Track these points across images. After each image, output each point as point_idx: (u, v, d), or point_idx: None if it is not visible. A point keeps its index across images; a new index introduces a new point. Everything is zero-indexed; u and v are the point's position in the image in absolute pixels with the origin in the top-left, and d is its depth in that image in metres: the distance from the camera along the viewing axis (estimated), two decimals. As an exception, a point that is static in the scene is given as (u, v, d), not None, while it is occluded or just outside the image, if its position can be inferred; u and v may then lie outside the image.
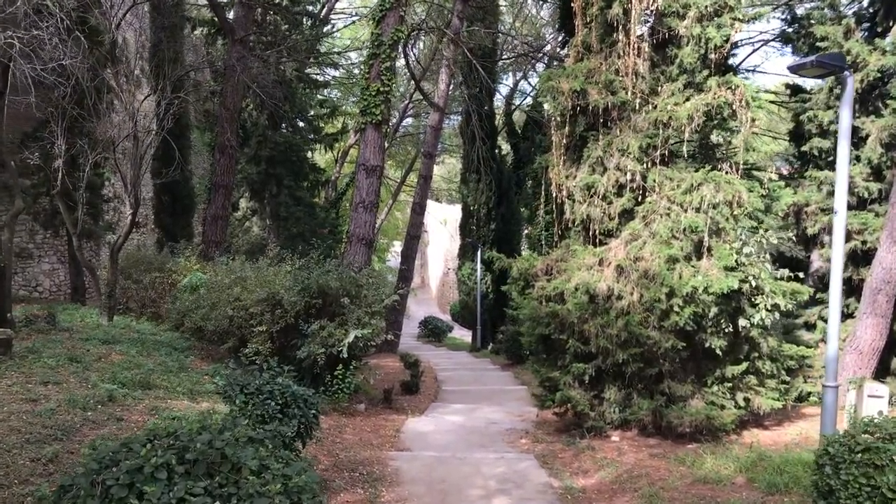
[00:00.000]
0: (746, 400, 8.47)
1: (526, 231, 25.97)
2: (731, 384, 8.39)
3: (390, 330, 19.33)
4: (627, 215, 8.36)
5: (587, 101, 8.17)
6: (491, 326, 24.14)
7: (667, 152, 8.24)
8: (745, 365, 8.30)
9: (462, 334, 31.94)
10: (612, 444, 8.17)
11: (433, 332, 29.32)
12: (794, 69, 6.02)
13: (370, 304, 9.65)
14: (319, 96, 26.80)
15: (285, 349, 9.71)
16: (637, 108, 8.22)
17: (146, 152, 12.39)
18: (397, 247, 37.59)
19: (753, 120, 7.78)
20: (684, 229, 7.86)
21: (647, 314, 7.84)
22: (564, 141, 8.37)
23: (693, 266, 7.95)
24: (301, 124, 19.53)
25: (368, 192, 11.41)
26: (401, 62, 21.07)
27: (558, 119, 8.29)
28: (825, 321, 11.24)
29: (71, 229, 12.06)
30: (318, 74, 26.04)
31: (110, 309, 11.99)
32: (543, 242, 9.00)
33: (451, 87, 18.39)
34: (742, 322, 7.93)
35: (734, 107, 7.81)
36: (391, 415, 10.05)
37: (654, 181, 8.15)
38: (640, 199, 8.27)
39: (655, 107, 8.17)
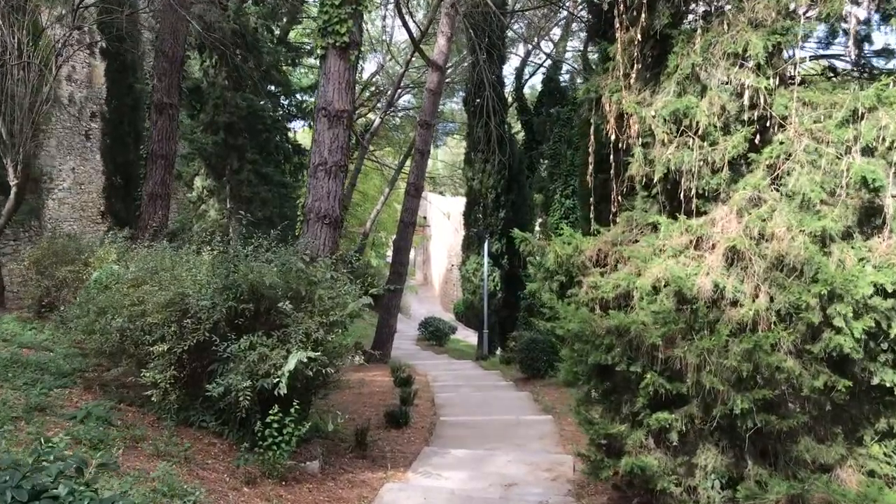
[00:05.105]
0: (924, 466, 5.23)
1: (540, 220, 22.72)
2: (901, 442, 5.15)
3: (380, 342, 16.11)
4: (738, 165, 5.09)
5: (674, -25, 4.92)
6: (500, 330, 20.93)
7: (806, 60, 4.97)
8: (928, 411, 5.05)
9: (466, 335, 28.79)
10: (714, 544, 4.94)
11: (434, 334, 26.13)
12: None
13: (327, 311, 6.41)
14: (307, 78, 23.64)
15: (200, 378, 6.49)
16: (756, -14, 4.94)
17: (46, 100, 9.20)
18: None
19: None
20: (846, 185, 4.59)
21: (785, 332, 4.57)
22: (637, 45, 5.08)
23: (855, 249, 4.69)
24: (273, 89, 16.28)
25: (332, 149, 8.08)
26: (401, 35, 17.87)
27: (625, 5, 5.02)
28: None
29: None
30: (301, 44, 22.82)
31: (-15, 314, 8.85)
32: (592, 216, 5.67)
33: (452, 41, 15.11)
34: (940, 344, 4.65)
35: (934, -26, 4.54)
36: (362, 473, 6.82)
37: (786, 108, 4.87)
38: (761, 139, 5.00)
39: (788, -16, 4.90)
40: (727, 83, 4.93)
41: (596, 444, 5.33)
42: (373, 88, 28.61)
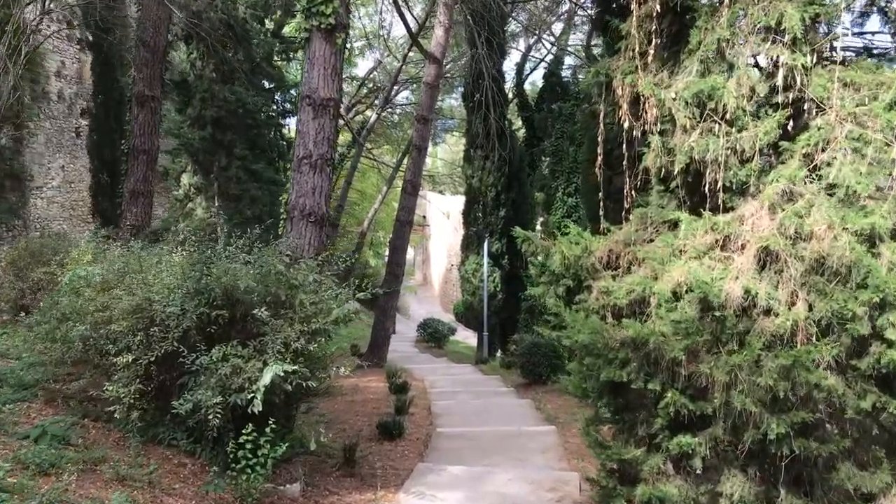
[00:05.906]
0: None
1: (541, 219, 22.12)
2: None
3: (375, 345, 15.41)
4: (768, 155, 4.49)
5: (697, -62, 4.33)
6: (500, 332, 20.34)
7: (849, 34, 4.39)
8: (982, 433, 4.46)
9: (466, 336, 28.18)
10: (742, 585, 4.35)
11: (433, 336, 25.44)
12: None
13: (309, 318, 5.82)
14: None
15: (170, 392, 5.90)
16: (790, -49, 4.34)
17: (14, 90, 8.61)
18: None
19: None
20: (897, 177, 4.00)
21: (827, 346, 3.98)
22: (656, 18, 4.49)
23: (906, 250, 4.10)
24: (266, 84, 15.67)
25: (317, 141, 7.46)
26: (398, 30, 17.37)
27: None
28: None
29: None
30: (294, 38, 22.21)
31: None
32: (601, 213, 5.06)
33: (450, 33, 14.51)
34: None
35: None
36: (349, 495, 6.23)
37: (824, 89, 4.28)
38: (794, 125, 4.41)
39: (827, -52, 4.31)
40: (755, 63, 4.34)
41: (607, 468, 4.74)
42: (370, 85, 28.01)
